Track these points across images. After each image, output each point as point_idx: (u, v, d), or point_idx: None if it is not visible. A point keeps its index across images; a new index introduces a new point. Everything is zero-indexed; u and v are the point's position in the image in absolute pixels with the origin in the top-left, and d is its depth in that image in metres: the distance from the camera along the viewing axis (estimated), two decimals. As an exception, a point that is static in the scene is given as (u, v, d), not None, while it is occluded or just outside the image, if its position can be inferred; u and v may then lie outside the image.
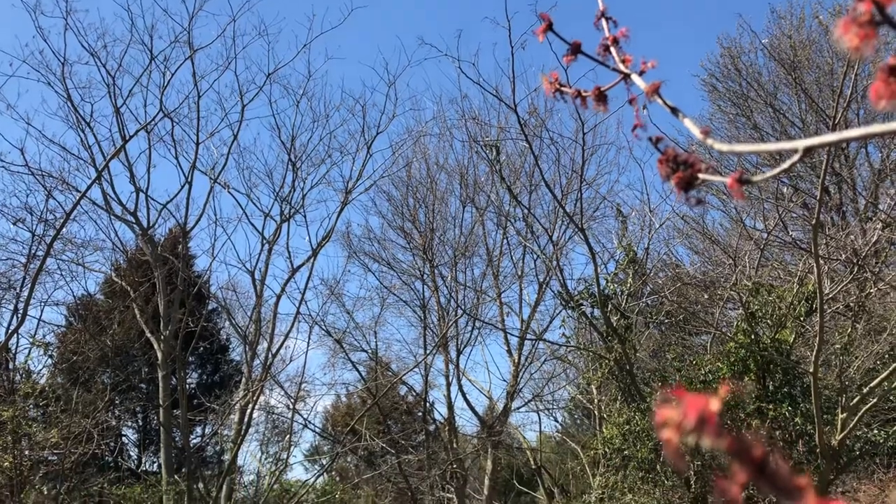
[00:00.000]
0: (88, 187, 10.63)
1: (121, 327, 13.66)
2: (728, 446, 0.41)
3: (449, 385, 14.60)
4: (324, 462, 16.12)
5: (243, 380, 13.03)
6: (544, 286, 14.75)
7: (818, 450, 7.35)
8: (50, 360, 12.97)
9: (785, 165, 0.82)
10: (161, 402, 11.55)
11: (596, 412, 12.62)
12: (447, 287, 14.94)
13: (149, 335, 12.00)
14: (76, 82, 12.48)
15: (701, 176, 0.82)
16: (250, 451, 17.45)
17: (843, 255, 9.04)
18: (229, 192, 13.13)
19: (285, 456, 12.26)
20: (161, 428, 11.74)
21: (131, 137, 11.43)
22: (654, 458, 7.54)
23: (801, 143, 0.73)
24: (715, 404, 0.42)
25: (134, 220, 11.99)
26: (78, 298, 14.19)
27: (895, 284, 8.47)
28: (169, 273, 12.28)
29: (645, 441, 7.55)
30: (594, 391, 12.54)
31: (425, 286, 15.08)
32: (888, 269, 10.55)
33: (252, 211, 18.63)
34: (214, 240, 14.51)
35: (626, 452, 7.84)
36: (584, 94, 0.99)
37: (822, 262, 7.39)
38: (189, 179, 12.09)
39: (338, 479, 17.66)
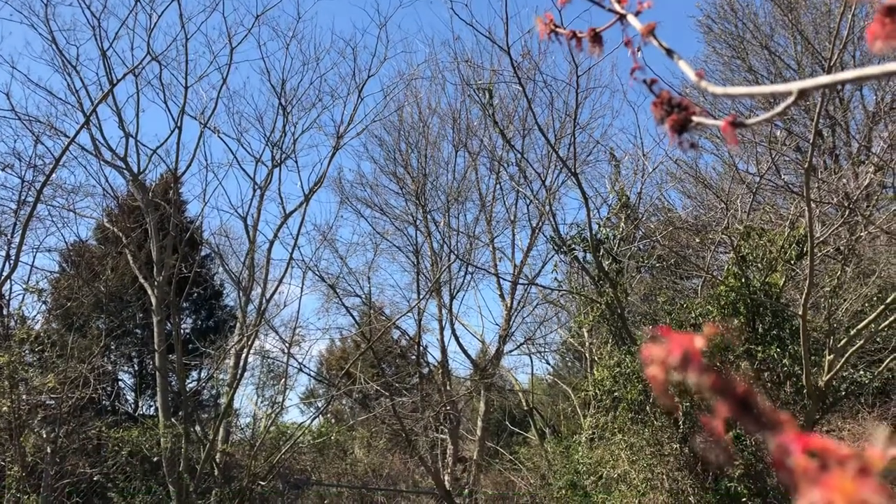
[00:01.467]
0: (77, 132, 10.51)
1: (114, 273, 13.67)
2: (712, 383, 0.42)
3: (442, 329, 14.74)
4: (319, 405, 16.36)
5: (238, 325, 13.11)
6: (537, 231, 14.78)
7: (805, 390, 7.49)
8: (44, 307, 13.01)
9: (779, 108, 0.82)
10: (156, 347, 11.63)
11: (587, 355, 12.78)
12: (440, 232, 14.96)
13: (142, 281, 12.01)
14: (60, 24, 12.25)
15: (695, 119, 0.82)
16: (246, 394, 17.67)
17: (835, 199, 9.07)
18: (219, 136, 13.02)
19: (281, 399, 12.43)
20: (157, 372, 11.84)
21: (119, 81, 11.27)
22: (643, 400, 7.67)
23: (796, 86, 0.73)
24: (700, 342, 0.43)
25: (124, 166, 11.89)
26: (70, 245, 14.17)
27: (885, 228, 8.52)
28: (161, 219, 12.24)
29: (635, 383, 7.67)
30: (585, 334, 12.68)
31: (418, 232, 15.10)
32: (879, 213, 10.60)
33: (243, 156, 18.57)
34: (206, 185, 14.49)
35: (616, 394, 7.97)
36: (579, 35, 0.98)
37: (813, 205, 7.42)
38: (179, 124, 11.97)
39: (333, 420, 17.94)
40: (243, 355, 11.80)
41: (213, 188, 24.64)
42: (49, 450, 9.57)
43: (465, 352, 15.31)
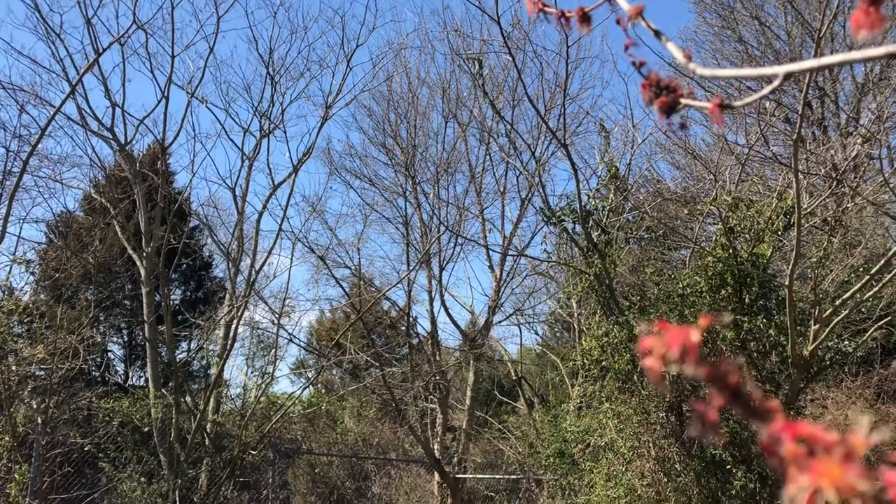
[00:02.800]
0: (63, 102, 10.39)
1: (102, 244, 13.61)
2: (707, 375, 0.44)
3: (432, 300, 14.79)
4: (309, 375, 16.43)
5: (227, 296, 13.12)
6: (526, 202, 14.80)
7: (790, 360, 7.59)
8: (32, 278, 12.96)
9: (765, 91, 0.83)
10: (146, 318, 11.63)
11: (575, 325, 12.88)
12: (430, 204, 14.95)
13: (131, 252, 11.97)
14: (43, -9, 12.02)
15: (683, 101, 0.83)
16: (237, 365, 17.74)
17: (823, 170, 9.12)
18: (207, 106, 12.91)
19: (271, 370, 12.47)
20: (147, 343, 11.86)
21: (104, 50, 11.12)
22: (630, 369, 7.75)
23: (782, 69, 0.74)
24: (695, 336, 0.45)
25: (111, 136, 11.78)
26: (57, 215, 14.09)
27: (871, 199, 8.58)
28: (149, 189, 12.17)
29: (622, 353, 7.75)
30: (574, 305, 12.77)
31: (408, 203, 15.08)
32: (866, 184, 10.66)
33: (231, 126, 18.38)
34: (194, 156, 14.43)
35: (604, 363, 8.05)
36: (567, 14, 0.98)
37: (801, 176, 7.46)
38: (166, 94, 11.84)
39: (323, 391, 18.05)
40: (233, 326, 11.82)
41: (201, 159, 24.55)
42: (40, 420, 9.59)
43: (454, 323, 15.39)
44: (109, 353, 18.06)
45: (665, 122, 0.88)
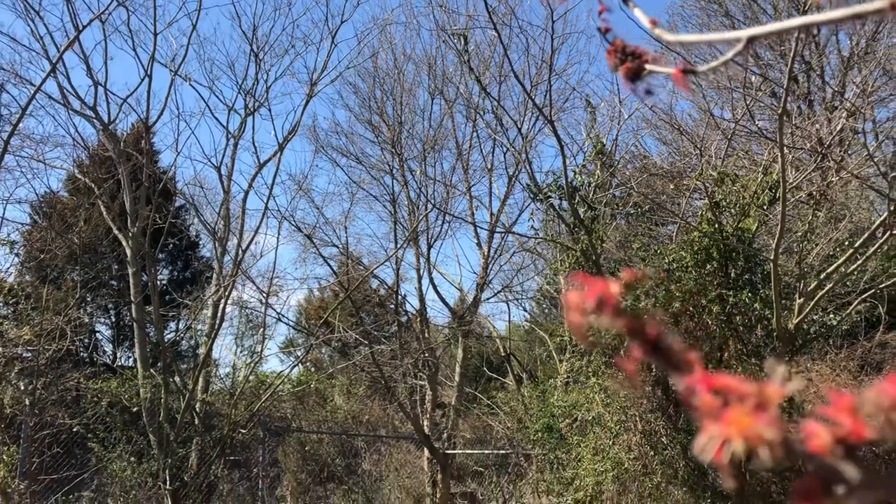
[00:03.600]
0: (43, 80, 10.26)
1: (87, 224, 13.52)
2: (624, 326, 0.44)
3: (420, 278, 14.79)
4: (298, 354, 16.45)
5: (214, 276, 13.08)
6: (514, 179, 14.77)
7: (775, 333, 7.65)
8: (16, 259, 12.88)
9: (728, 55, 0.83)
10: (133, 298, 11.59)
11: (563, 301, 12.91)
12: (417, 181, 14.90)
13: (116, 232, 11.90)
14: (21, -32, 11.82)
15: (648, 67, 0.83)
16: (225, 344, 17.72)
17: (808, 145, 9.13)
18: (191, 84, 12.78)
19: (260, 349, 12.48)
20: (134, 324, 11.82)
21: (85, 27, 10.96)
22: (617, 344, 7.80)
23: (745, 33, 0.74)
24: (615, 287, 0.45)
25: (94, 115, 11.66)
26: (41, 196, 13.97)
27: (856, 173, 8.62)
28: (133, 169, 12.08)
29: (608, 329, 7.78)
30: (561, 281, 12.80)
31: (395, 181, 15.03)
32: (851, 158, 10.69)
33: (215, 104, 18.27)
34: (178, 134, 14.28)
35: (590, 339, 8.08)
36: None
37: (786, 151, 7.47)
38: (149, 72, 11.71)
39: (312, 369, 18.08)
40: (221, 306, 11.80)
41: (185, 137, 24.33)
42: (27, 402, 9.58)
43: (443, 300, 15.41)
44: (97, 334, 18.03)
45: (630, 89, 0.87)
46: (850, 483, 0.38)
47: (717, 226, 7.93)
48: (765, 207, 8.40)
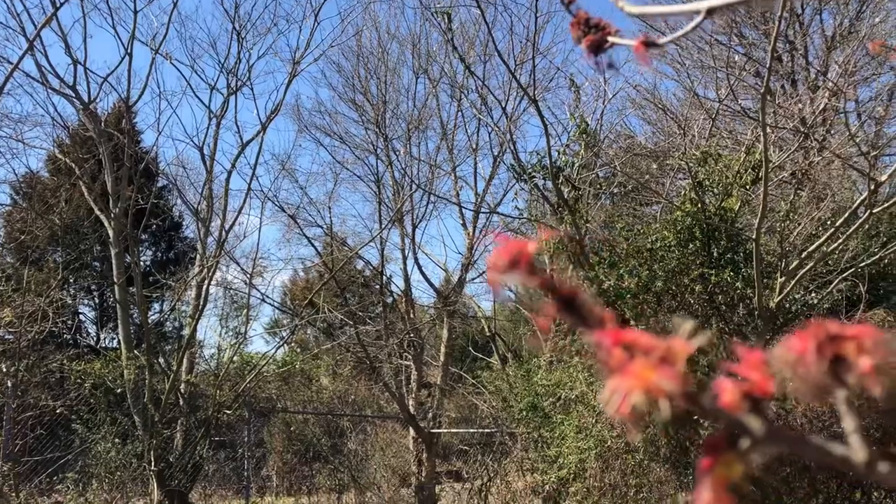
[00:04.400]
0: (21, 58, 10.10)
1: (69, 205, 13.41)
2: (539, 283, 0.44)
3: (405, 259, 14.79)
4: (283, 334, 16.44)
5: (198, 256, 13.02)
6: (499, 159, 14.76)
7: (757, 312, 7.70)
8: (-3, 240, 12.76)
9: (689, 27, 0.83)
10: (115, 279, 11.51)
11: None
12: (401, 161, 14.85)
13: (98, 213, 11.80)
14: (-2, -56, 11.64)
15: (611, 39, 0.83)
16: (210, 325, 17.69)
17: (791, 124, 9.16)
18: (172, 63, 12.63)
19: (244, 330, 12.46)
20: (117, 305, 11.76)
21: (63, 4, 10.79)
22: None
23: (704, 4, 0.74)
24: (531, 246, 0.45)
25: (73, 94, 11.51)
26: (21, 176, 13.82)
27: (838, 153, 8.66)
28: (115, 149, 11.96)
29: (592, 307, 7.81)
30: (546, 261, 12.82)
31: (379, 161, 14.97)
32: (833, 138, 10.74)
33: (197, 84, 18.09)
34: (159, 114, 14.12)
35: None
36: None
37: (769, 130, 7.49)
38: (129, 50, 11.56)
39: (298, 350, 18.08)
40: (204, 286, 11.75)
41: (167, 117, 24.06)
42: (10, 384, 9.52)
43: (428, 281, 15.42)
44: (80, 316, 17.93)
45: (593, 62, 0.87)
46: (756, 436, 0.39)
47: (699, 205, 7.95)
48: (748, 187, 8.43)
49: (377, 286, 15.62)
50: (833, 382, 0.40)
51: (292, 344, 18.27)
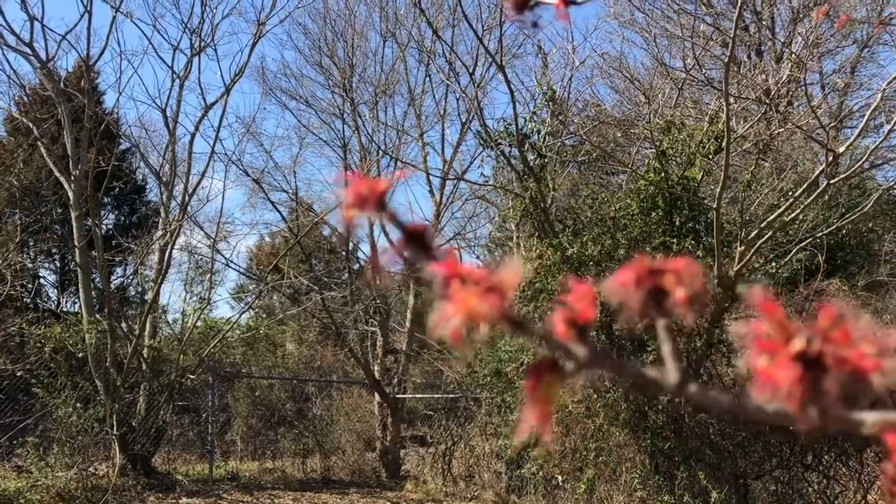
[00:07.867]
0: (-25, 15, 9.82)
1: (27, 167, 13.12)
2: (388, 218, 0.45)
3: (372, 225, 14.69)
4: (248, 300, 16.36)
5: (161, 220, 12.85)
6: (466, 126, 14.71)
7: (716, 280, 7.82)
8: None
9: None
10: (76, 242, 11.34)
11: (514, 248, 13.02)
12: (368, 127, 14.73)
13: (58, 175, 11.57)
14: None
15: (535, -3, 0.83)
16: (174, 290, 17.54)
17: (755, 95, 9.24)
18: (133, 22, 12.38)
19: (208, 295, 12.38)
20: (78, 269, 11.60)
21: (18, -41, 10.48)
22: (561, 290, 7.90)
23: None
24: (383, 184, 0.46)
25: (31, 52, 11.21)
26: (-23, 136, 13.46)
27: (800, 125, 8.76)
28: (75, 110, 11.70)
29: (555, 274, 7.89)
30: (512, 228, 12.87)
31: (345, 125, 14.85)
32: (797, 110, 10.87)
33: (160, 44, 17.72)
34: (120, 74, 13.85)
35: (537, 285, 8.18)
36: None
37: (732, 100, 7.55)
38: (88, 8, 11.27)
39: (263, 315, 18.02)
40: (167, 251, 11.63)
41: (128, 77, 23.62)
42: (-33, 347, 9.38)
43: (394, 247, 15.38)
44: (41, 279, 17.66)
45: (517, 20, 0.87)
46: (579, 360, 0.41)
47: (663, 174, 8.03)
48: (710, 157, 8.52)
49: (344, 252, 15.58)
50: (654, 311, 0.42)
51: (257, 309, 18.20)
